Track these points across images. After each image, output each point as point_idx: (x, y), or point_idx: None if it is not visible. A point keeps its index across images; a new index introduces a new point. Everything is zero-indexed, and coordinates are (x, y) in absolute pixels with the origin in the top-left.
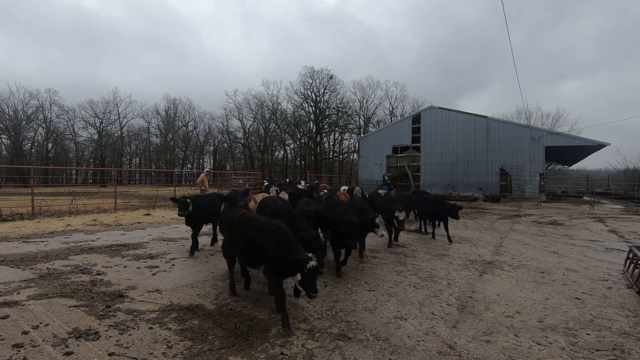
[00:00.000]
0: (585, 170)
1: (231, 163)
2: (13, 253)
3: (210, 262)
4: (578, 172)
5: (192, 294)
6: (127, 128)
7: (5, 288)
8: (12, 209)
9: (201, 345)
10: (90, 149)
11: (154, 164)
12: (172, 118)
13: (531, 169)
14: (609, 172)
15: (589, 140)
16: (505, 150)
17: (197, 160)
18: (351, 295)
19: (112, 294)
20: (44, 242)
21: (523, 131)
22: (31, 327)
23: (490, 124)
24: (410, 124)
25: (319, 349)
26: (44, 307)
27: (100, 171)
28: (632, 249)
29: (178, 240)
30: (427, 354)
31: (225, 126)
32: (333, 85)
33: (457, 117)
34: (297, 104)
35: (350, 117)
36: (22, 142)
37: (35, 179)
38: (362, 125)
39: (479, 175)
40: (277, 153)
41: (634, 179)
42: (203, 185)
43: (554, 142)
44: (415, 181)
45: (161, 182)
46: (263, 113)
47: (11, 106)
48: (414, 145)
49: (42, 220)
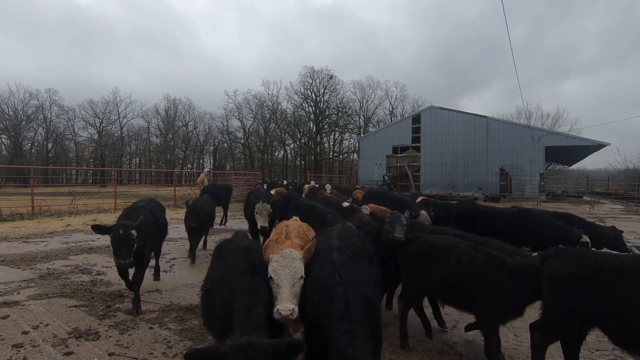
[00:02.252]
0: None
1: (231, 163)
2: (13, 253)
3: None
4: (578, 172)
5: (192, 294)
6: (127, 128)
7: (5, 288)
8: (12, 209)
9: (201, 345)
10: (90, 149)
11: (154, 164)
12: (172, 118)
13: (531, 169)
14: (609, 172)
15: (589, 140)
16: (505, 150)
17: (197, 160)
18: None
19: (112, 294)
20: (44, 242)
21: (523, 131)
22: (31, 327)
23: (490, 124)
24: (410, 124)
25: None
26: (44, 307)
27: (100, 171)
28: (632, 249)
29: (178, 240)
30: (427, 354)
31: (225, 126)
32: (333, 85)
33: (457, 117)
34: (297, 104)
35: (350, 117)
36: (22, 142)
37: (35, 179)
38: (362, 125)
39: (479, 175)
40: (277, 153)
41: (634, 178)
42: (203, 185)
43: (553, 142)
44: (415, 181)
45: (161, 182)
46: (263, 113)
47: (11, 106)
48: (414, 145)
49: (42, 220)
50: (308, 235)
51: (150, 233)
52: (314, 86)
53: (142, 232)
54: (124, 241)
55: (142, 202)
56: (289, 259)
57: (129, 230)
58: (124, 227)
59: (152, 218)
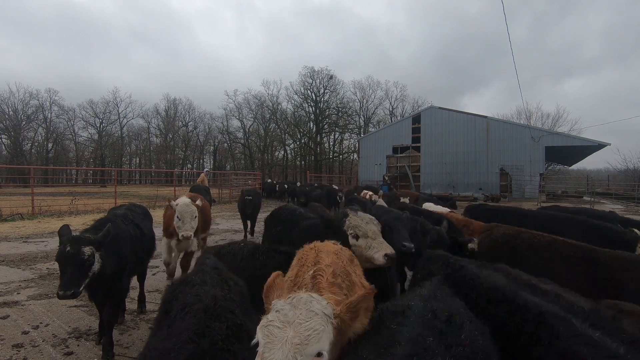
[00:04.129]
0: (586, 170)
1: (231, 163)
2: (13, 253)
3: None
4: (578, 172)
5: None
6: (127, 128)
7: (5, 288)
8: (12, 209)
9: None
10: (91, 149)
11: (154, 164)
12: (172, 118)
13: (531, 169)
14: (609, 172)
15: (589, 140)
16: (505, 150)
17: (197, 160)
18: None
19: None
20: (44, 242)
21: (523, 131)
22: (31, 327)
23: (490, 124)
24: (410, 124)
25: None
26: (44, 307)
27: (100, 171)
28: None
29: None
30: None
31: (225, 126)
32: (333, 85)
33: (457, 117)
34: (297, 104)
35: (350, 117)
36: (22, 142)
37: (35, 179)
38: (362, 125)
39: (479, 175)
40: (277, 153)
41: (634, 179)
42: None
43: (554, 142)
44: (415, 181)
45: (161, 182)
46: (263, 113)
47: (11, 106)
48: (414, 145)
49: (42, 220)
50: (353, 277)
51: (129, 252)
52: (314, 86)
53: (115, 250)
54: (70, 262)
55: (121, 209)
56: (303, 310)
57: (81, 246)
58: (74, 242)
59: (132, 230)
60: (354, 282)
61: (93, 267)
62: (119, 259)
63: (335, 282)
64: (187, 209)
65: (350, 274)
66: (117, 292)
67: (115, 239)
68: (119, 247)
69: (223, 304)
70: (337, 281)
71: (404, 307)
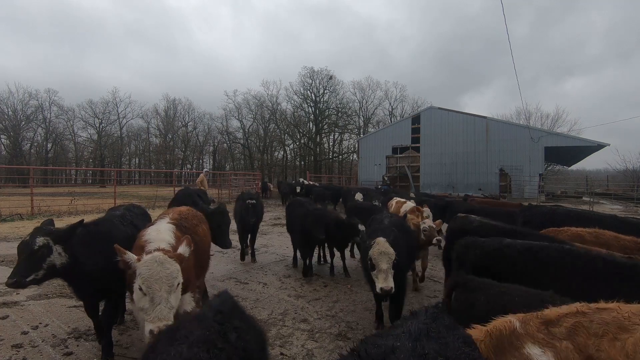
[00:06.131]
0: (585, 171)
1: (231, 163)
2: (13, 253)
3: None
4: (577, 173)
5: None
6: (127, 128)
7: (5, 288)
8: (12, 209)
9: None
10: (90, 149)
11: (154, 164)
12: (172, 118)
13: (530, 170)
14: (608, 172)
15: (588, 141)
16: (504, 150)
17: (196, 160)
18: (351, 295)
19: None
20: None
21: (522, 131)
22: (31, 327)
23: (489, 124)
24: (410, 124)
25: (318, 349)
26: (44, 308)
27: (99, 171)
28: None
29: None
30: None
31: (224, 126)
32: (333, 86)
33: (457, 117)
34: (297, 105)
35: (349, 117)
36: (22, 142)
37: (34, 179)
38: (361, 125)
39: (479, 176)
40: (277, 153)
41: (633, 179)
42: (202, 185)
43: (553, 143)
44: (414, 181)
45: (161, 183)
46: (263, 113)
47: (10, 106)
48: (413, 145)
49: (41, 220)
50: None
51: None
52: (314, 86)
53: (105, 248)
54: (21, 251)
55: (119, 210)
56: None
57: (36, 237)
58: (33, 232)
59: (130, 230)
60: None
61: (50, 260)
62: (110, 257)
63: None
64: (158, 272)
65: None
66: (112, 293)
67: (107, 238)
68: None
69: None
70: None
71: (388, 350)
